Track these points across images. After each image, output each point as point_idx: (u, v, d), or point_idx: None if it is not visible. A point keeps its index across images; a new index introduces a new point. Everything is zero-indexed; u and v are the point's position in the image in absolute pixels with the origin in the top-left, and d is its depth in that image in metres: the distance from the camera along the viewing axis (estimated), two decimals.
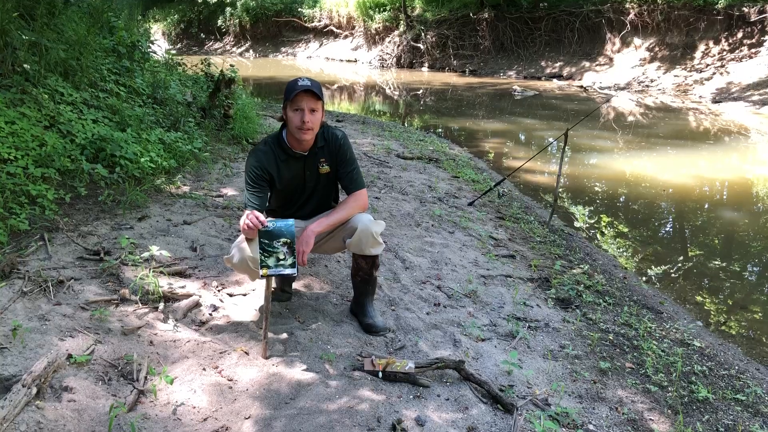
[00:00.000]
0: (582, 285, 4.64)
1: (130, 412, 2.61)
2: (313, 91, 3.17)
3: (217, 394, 2.84)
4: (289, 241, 3.05)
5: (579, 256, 5.48)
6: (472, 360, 3.37)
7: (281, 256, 3.06)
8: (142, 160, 5.41)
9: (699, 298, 5.20)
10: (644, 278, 5.49)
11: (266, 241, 3.04)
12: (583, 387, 3.27)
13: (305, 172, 3.42)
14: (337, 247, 3.61)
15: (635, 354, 3.72)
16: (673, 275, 5.69)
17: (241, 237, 3.29)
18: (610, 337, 3.88)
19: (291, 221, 3.11)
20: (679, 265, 5.93)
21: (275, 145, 3.37)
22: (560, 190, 7.33)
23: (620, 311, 4.31)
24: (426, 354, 3.36)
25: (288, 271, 3.06)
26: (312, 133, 3.27)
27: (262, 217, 3.08)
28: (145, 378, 2.84)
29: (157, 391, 2.78)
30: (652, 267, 5.83)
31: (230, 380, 2.96)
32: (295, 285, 3.98)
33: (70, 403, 2.54)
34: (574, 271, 4.96)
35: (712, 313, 4.96)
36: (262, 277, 3.06)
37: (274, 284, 3.67)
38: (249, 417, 2.72)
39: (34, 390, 2.47)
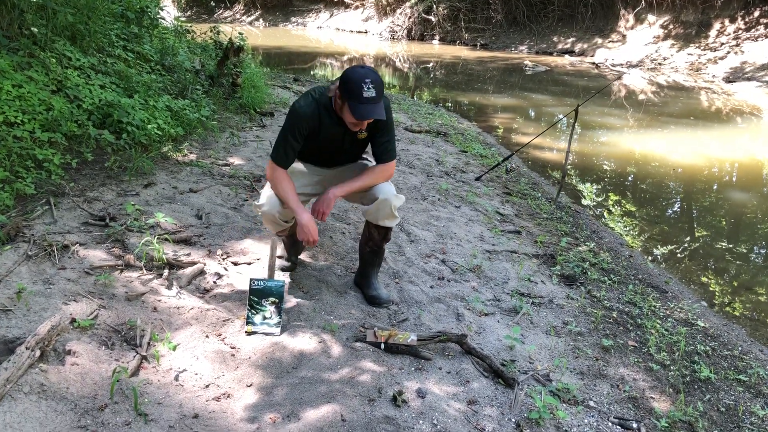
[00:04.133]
0: (587, 262, 4.63)
1: (133, 377, 2.62)
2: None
3: (219, 361, 2.85)
4: (276, 301, 3.13)
5: (585, 233, 5.46)
6: (475, 334, 3.37)
7: (267, 315, 3.12)
8: (149, 126, 5.38)
9: (704, 279, 5.18)
10: (650, 257, 5.48)
11: (255, 299, 3.12)
12: (585, 364, 3.27)
13: (344, 137, 3.31)
14: (356, 200, 3.57)
15: (638, 332, 3.71)
16: (679, 255, 5.67)
17: (270, 187, 3.32)
18: (614, 315, 3.87)
19: (281, 282, 3.17)
20: (686, 245, 5.91)
21: (323, 108, 3.19)
22: (568, 167, 7.28)
23: (625, 289, 4.30)
24: (428, 327, 3.36)
25: (272, 329, 3.11)
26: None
27: (316, 234, 3.21)
28: (148, 344, 2.85)
29: (160, 357, 2.79)
30: (659, 246, 5.81)
31: (233, 348, 2.97)
32: (300, 255, 3.97)
33: (73, 367, 2.56)
34: (580, 248, 4.94)
35: (717, 293, 4.94)
36: (247, 333, 3.10)
37: (279, 252, 3.69)
38: (251, 385, 2.73)
39: (38, 353, 2.48)
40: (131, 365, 2.66)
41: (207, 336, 3.00)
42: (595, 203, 6.94)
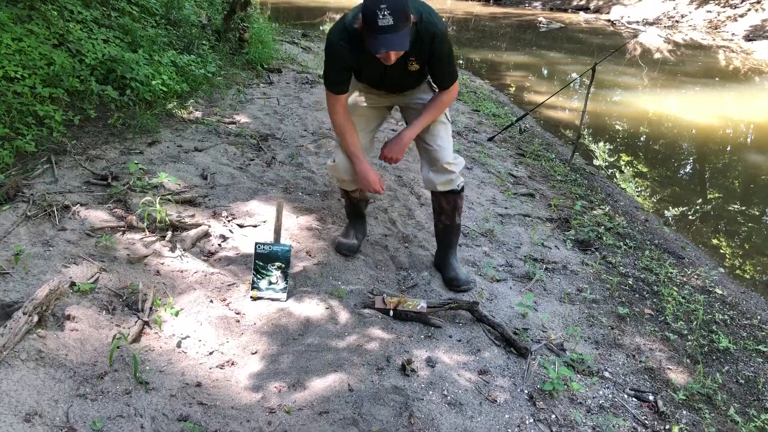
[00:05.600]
0: (602, 227, 4.50)
1: (134, 344, 2.54)
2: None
3: (223, 327, 2.76)
4: (283, 266, 3.02)
5: (600, 196, 5.32)
6: (486, 301, 3.28)
7: (273, 280, 3.02)
8: (154, 82, 5.24)
9: (722, 244, 5.06)
10: (666, 221, 5.34)
11: (261, 263, 3.01)
12: (600, 333, 3.17)
13: (388, 70, 2.93)
14: (420, 148, 3.33)
15: (655, 300, 3.61)
16: (695, 219, 5.54)
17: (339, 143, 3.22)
18: (630, 282, 3.76)
19: (288, 246, 3.04)
20: (703, 209, 5.77)
21: (357, 39, 2.79)
22: (583, 127, 7.10)
23: (641, 255, 4.18)
24: (439, 293, 3.26)
25: (278, 295, 3.01)
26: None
27: (380, 184, 3.16)
28: (150, 309, 2.76)
29: (162, 323, 2.71)
30: (675, 210, 5.68)
31: (238, 314, 2.89)
32: (307, 218, 3.87)
33: (72, 332, 2.47)
34: (595, 212, 4.81)
35: (736, 260, 4.82)
36: (252, 298, 3.00)
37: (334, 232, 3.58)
38: (256, 352, 2.65)
39: (36, 318, 2.39)
40: (132, 331, 2.58)
41: (211, 301, 2.91)
42: (610, 165, 6.78)
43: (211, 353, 2.61)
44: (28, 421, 2.03)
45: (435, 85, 3.19)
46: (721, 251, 4.93)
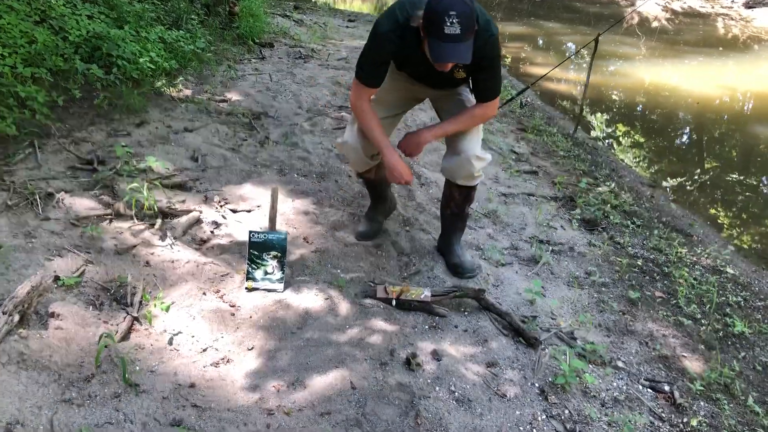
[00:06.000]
0: (608, 205, 4.35)
1: (123, 342, 2.40)
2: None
3: (218, 321, 2.62)
4: (279, 255, 2.85)
5: (605, 172, 5.16)
6: (492, 287, 3.14)
7: (269, 270, 2.86)
8: (141, 60, 5.03)
9: (730, 221, 4.92)
10: (672, 197, 5.20)
11: (256, 253, 2.84)
12: (611, 319, 3.04)
13: (434, 73, 2.71)
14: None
15: (666, 282, 3.47)
16: (702, 195, 5.40)
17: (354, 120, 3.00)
18: (639, 264, 3.63)
19: (284, 234, 2.87)
20: (709, 184, 5.63)
21: (410, 35, 2.60)
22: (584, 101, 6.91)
23: (649, 234, 4.04)
24: (443, 280, 3.12)
25: (274, 286, 2.85)
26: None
27: (410, 175, 2.94)
28: (140, 303, 2.61)
29: (153, 318, 2.56)
30: (682, 185, 5.53)
31: (232, 306, 2.74)
32: (303, 201, 3.71)
33: (56, 332, 2.32)
34: (600, 189, 4.65)
35: (745, 236, 4.69)
36: (248, 290, 2.84)
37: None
38: (252, 348, 2.51)
39: (17, 317, 2.25)
40: (121, 328, 2.43)
41: (204, 293, 2.77)
42: (613, 138, 6.61)
43: (204, 350, 2.46)
44: (10, 431, 1.89)
45: (475, 97, 2.92)
46: (730, 228, 4.80)
